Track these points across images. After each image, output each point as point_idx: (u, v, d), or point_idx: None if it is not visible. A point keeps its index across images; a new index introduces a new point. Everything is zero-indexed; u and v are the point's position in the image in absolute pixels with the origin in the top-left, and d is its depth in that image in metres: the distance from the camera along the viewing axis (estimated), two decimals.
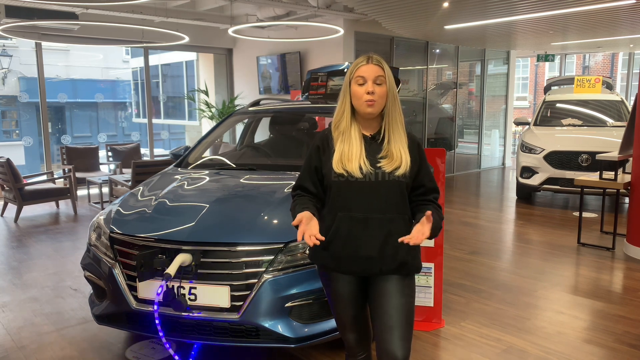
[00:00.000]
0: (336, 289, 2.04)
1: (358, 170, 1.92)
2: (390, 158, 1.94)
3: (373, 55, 1.97)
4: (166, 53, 15.82)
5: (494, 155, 12.12)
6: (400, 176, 1.94)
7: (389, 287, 1.98)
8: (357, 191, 1.93)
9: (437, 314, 3.47)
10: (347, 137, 1.97)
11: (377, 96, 1.92)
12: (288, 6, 7.69)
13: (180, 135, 16.95)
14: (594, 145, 6.82)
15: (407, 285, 2.01)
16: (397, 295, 1.97)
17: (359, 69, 1.94)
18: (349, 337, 2.12)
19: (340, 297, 2.04)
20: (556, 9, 6.72)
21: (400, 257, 1.96)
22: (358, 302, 2.06)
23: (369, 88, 1.91)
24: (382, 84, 1.93)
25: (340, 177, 1.94)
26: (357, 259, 1.95)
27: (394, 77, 2.02)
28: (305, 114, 4.54)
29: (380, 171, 1.93)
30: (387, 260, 1.95)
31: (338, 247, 1.96)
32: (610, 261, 4.93)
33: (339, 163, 1.94)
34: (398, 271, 1.97)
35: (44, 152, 9.04)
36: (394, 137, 1.96)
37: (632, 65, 14.87)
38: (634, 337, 3.34)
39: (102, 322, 2.92)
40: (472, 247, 5.40)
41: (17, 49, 14.17)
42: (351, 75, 1.96)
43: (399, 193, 1.95)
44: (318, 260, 2.05)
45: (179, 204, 3.03)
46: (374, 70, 1.93)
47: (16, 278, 4.53)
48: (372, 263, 1.95)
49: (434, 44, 10.25)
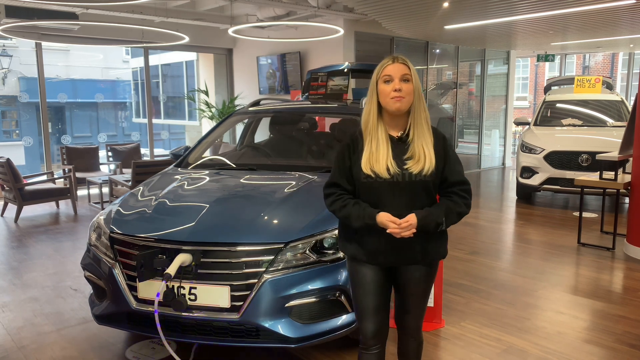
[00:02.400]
0: (363, 278, 2.13)
1: (385, 171, 2.00)
2: (416, 158, 2.01)
3: (398, 55, 2.04)
4: (166, 53, 15.82)
5: (494, 155, 12.12)
6: (427, 176, 2.01)
7: (413, 275, 2.12)
8: (385, 191, 2.02)
9: (437, 314, 3.47)
10: (375, 137, 2.04)
11: (405, 93, 1.98)
12: (288, 6, 7.69)
13: (180, 135, 16.96)
14: (594, 145, 6.82)
15: (430, 274, 2.16)
16: (419, 284, 2.14)
17: (386, 68, 2.01)
18: (367, 327, 2.16)
19: (367, 285, 2.13)
20: (556, 9, 6.72)
21: (427, 249, 2.09)
22: (382, 291, 2.15)
23: (396, 85, 1.98)
24: (409, 81, 2.00)
25: (369, 178, 2.02)
26: (386, 253, 2.06)
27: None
28: (305, 114, 4.54)
29: (407, 172, 2.01)
30: (413, 253, 2.07)
31: (368, 241, 2.07)
32: (611, 261, 4.93)
33: (367, 164, 2.02)
34: (423, 260, 2.10)
35: (44, 152, 9.04)
36: (419, 135, 2.03)
37: (632, 65, 14.88)
38: (634, 337, 3.34)
39: (102, 322, 2.92)
40: (472, 247, 5.40)
41: (17, 49, 14.18)
42: (378, 75, 2.02)
43: (425, 191, 2.04)
44: (348, 252, 2.16)
45: (179, 204, 3.03)
46: (400, 68, 1.99)
47: (16, 278, 4.53)
48: (399, 256, 2.07)
49: (434, 44, 10.25)
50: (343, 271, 2.69)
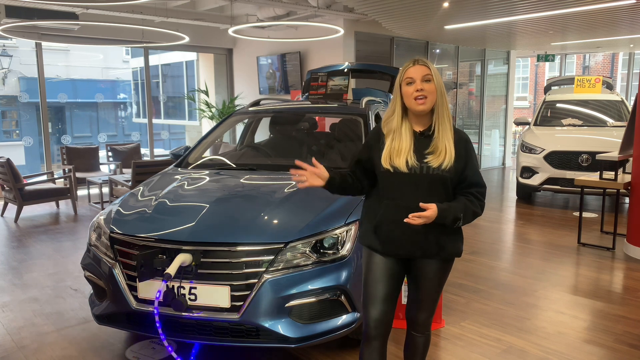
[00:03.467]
0: (376, 265, 2.18)
1: (404, 165, 2.08)
2: (437, 153, 2.07)
3: (419, 58, 2.11)
4: (166, 53, 15.82)
5: (494, 155, 12.12)
6: (445, 170, 2.06)
7: (428, 269, 2.18)
8: (402, 182, 2.10)
9: (438, 313, 3.46)
10: (398, 134, 2.12)
11: (427, 92, 2.05)
12: (288, 6, 7.69)
13: (180, 135, 16.95)
14: (594, 145, 6.82)
15: (444, 269, 2.22)
16: (432, 279, 2.20)
17: (407, 71, 2.08)
18: (372, 314, 2.19)
19: (378, 272, 2.18)
20: (556, 9, 6.72)
21: (441, 243, 2.13)
22: (392, 281, 2.20)
23: (418, 86, 2.05)
24: (430, 81, 2.06)
25: (387, 171, 2.11)
26: (401, 243, 2.12)
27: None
28: (305, 114, 4.54)
29: (426, 165, 2.07)
30: (428, 246, 2.12)
31: (384, 231, 2.14)
32: (611, 261, 4.93)
33: (387, 159, 2.11)
34: (438, 255, 2.15)
35: (44, 152, 9.04)
36: (442, 131, 2.09)
37: (632, 65, 14.88)
38: (634, 337, 3.34)
39: (102, 322, 2.92)
40: (472, 247, 5.40)
41: (17, 49, 14.17)
42: (401, 78, 2.11)
43: (442, 185, 2.09)
44: (366, 242, 2.22)
45: (179, 204, 3.03)
46: (421, 69, 2.07)
47: (16, 278, 4.53)
48: (414, 247, 2.12)
49: (434, 44, 10.25)
50: (343, 271, 2.69)
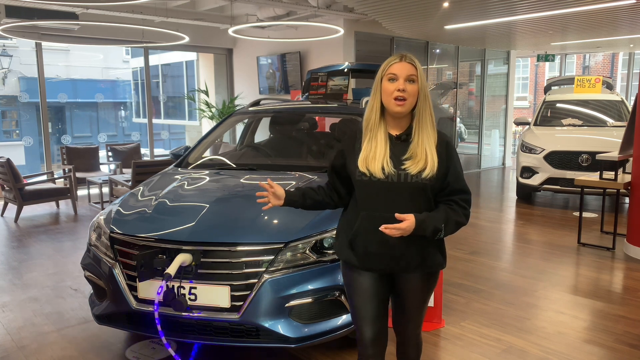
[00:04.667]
0: (359, 284, 2.06)
1: (380, 171, 1.92)
2: (415, 159, 1.92)
3: (406, 54, 1.96)
4: (166, 53, 15.82)
5: (494, 155, 12.12)
6: (426, 178, 1.91)
7: (411, 283, 2.04)
8: (379, 191, 1.95)
9: (438, 314, 3.46)
10: (374, 136, 1.97)
11: (408, 94, 1.91)
12: (288, 6, 7.69)
13: (180, 135, 16.95)
14: (594, 145, 6.82)
15: (429, 282, 2.07)
16: (417, 293, 2.06)
17: (392, 67, 1.93)
18: (365, 334, 2.10)
19: (363, 292, 2.06)
20: (556, 9, 6.72)
21: (423, 256, 1.99)
22: (379, 297, 2.08)
23: (400, 85, 1.90)
24: (414, 82, 1.92)
25: (363, 177, 1.95)
26: (379, 257, 1.99)
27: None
28: (305, 114, 4.54)
29: (404, 173, 1.92)
30: (409, 259, 1.98)
31: (361, 245, 2.00)
32: (611, 261, 4.92)
33: (364, 162, 1.96)
34: (420, 269, 2.01)
35: (44, 152, 9.04)
36: (422, 137, 1.94)
37: (632, 65, 14.88)
38: (634, 337, 3.34)
39: (103, 322, 2.92)
40: (472, 247, 5.40)
41: (17, 49, 14.17)
42: (383, 73, 1.95)
43: (422, 195, 1.94)
44: (343, 256, 2.09)
45: (179, 204, 3.03)
46: (407, 68, 1.92)
47: (16, 278, 4.53)
48: (395, 261, 1.98)
49: (434, 44, 10.24)
50: None
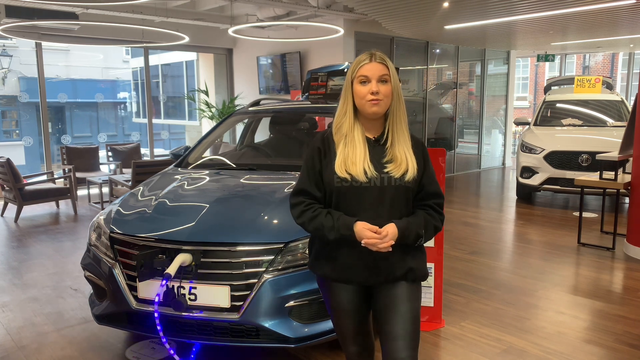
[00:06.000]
0: (338, 299, 1.95)
1: (362, 174, 1.82)
2: (397, 162, 1.85)
3: (376, 52, 1.86)
4: (166, 53, 15.82)
5: (494, 155, 12.12)
6: (408, 182, 1.84)
7: (395, 294, 1.90)
8: (361, 197, 1.84)
9: (437, 313, 3.47)
10: (351, 139, 1.86)
11: (382, 95, 1.81)
12: (288, 6, 7.69)
13: (180, 135, 16.95)
14: (594, 145, 6.82)
15: (414, 292, 1.93)
16: (403, 303, 1.89)
17: (362, 68, 1.83)
18: (350, 350, 2.04)
19: (342, 307, 1.95)
20: (556, 9, 6.72)
21: (407, 264, 1.89)
22: (361, 313, 1.98)
23: (373, 88, 1.80)
24: (387, 82, 1.83)
25: (343, 182, 1.83)
26: (360, 268, 1.87)
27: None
28: (305, 114, 4.54)
29: (387, 176, 1.84)
30: (393, 268, 1.88)
31: (341, 256, 1.88)
32: (610, 261, 4.92)
33: (342, 166, 1.83)
34: (405, 278, 1.90)
35: (44, 152, 9.04)
36: (398, 139, 1.87)
37: (632, 65, 14.88)
38: (634, 337, 3.34)
39: (102, 322, 2.92)
40: (472, 247, 5.40)
41: (17, 49, 14.17)
42: (353, 74, 1.85)
43: (404, 199, 1.87)
44: (318, 270, 1.96)
45: (179, 204, 3.03)
46: (378, 68, 1.82)
47: (16, 278, 4.53)
48: (376, 272, 1.87)
49: (434, 44, 10.24)
50: None
